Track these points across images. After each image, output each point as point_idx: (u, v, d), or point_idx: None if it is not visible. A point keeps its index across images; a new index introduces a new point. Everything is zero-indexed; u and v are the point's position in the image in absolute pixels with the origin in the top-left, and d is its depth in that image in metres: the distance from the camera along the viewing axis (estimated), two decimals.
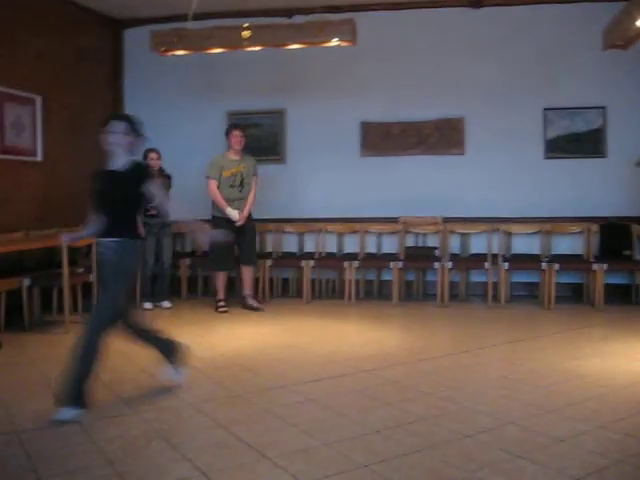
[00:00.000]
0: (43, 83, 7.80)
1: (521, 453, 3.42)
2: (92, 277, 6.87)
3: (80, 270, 7.16)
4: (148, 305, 7.57)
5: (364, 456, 3.41)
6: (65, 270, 6.36)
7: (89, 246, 6.86)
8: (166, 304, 7.74)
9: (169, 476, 3.19)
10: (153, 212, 7.50)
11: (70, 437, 3.71)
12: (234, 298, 7.96)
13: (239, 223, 7.52)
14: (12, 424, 3.92)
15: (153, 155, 7.62)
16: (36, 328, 6.67)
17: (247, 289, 7.75)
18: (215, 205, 7.59)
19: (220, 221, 7.39)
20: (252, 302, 7.70)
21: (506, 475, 3.17)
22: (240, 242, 7.60)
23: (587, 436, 3.66)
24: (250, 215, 7.71)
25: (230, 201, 7.53)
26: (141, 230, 7.43)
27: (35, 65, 7.68)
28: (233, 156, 7.63)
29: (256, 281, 8.05)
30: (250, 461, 3.37)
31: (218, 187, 7.54)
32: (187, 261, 8.44)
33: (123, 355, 5.58)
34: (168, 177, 7.74)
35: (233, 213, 7.49)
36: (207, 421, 3.98)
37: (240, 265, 7.77)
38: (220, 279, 7.70)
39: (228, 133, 7.68)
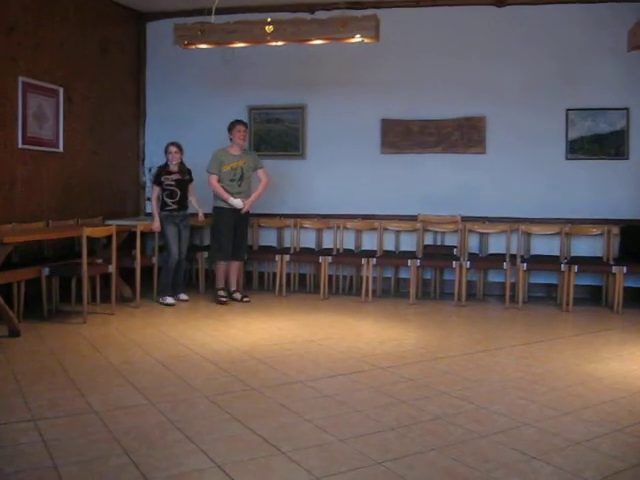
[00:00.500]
0: (66, 74, 7.85)
1: (536, 454, 3.40)
2: (111, 268, 6.90)
3: (99, 261, 7.20)
4: (170, 300, 7.56)
5: (378, 453, 3.40)
6: (84, 260, 6.41)
7: (109, 237, 6.90)
8: (184, 296, 7.77)
9: (184, 467, 3.20)
10: (174, 206, 7.57)
11: (86, 426, 3.73)
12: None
13: (244, 210, 7.71)
14: (30, 412, 3.95)
15: (172, 148, 7.66)
16: (54, 317, 6.72)
17: (233, 284, 7.92)
18: (217, 196, 7.72)
19: (222, 212, 7.67)
20: (237, 295, 7.87)
21: (521, 476, 3.16)
22: (235, 235, 7.74)
23: (603, 439, 3.64)
24: (247, 211, 7.85)
25: (230, 194, 7.66)
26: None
27: (58, 57, 7.73)
28: (234, 151, 7.76)
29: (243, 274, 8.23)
30: (265, 455, 3.37)
31: (219, 182, 7.69)
32: (204, 254, 8.47)
33: (139, 346, 5.63)
34: (188, 171, 7.78)
35: (237, 201, 7.63)
36: (222, 414, 4.00)
37: (233, 259, 7.89)
38: (220, 270, 7.80)
39: (232, 128, 7.77)
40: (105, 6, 8.63)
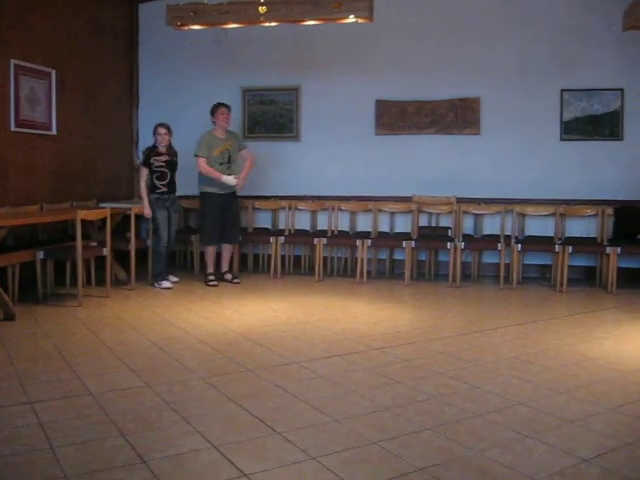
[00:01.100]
0: (58, 56, 7.80)
1: (530, 433, 3.43)
2: (105, 251, 6.89)
3: (93, 243, 7.19)
4: (167, 284, 7.53)
5: (374, 433, 3.43)
6: (79, 243, 6.40)
7: (103, 220, 6.88)
8: (173, 278, 7.77)
9: (180, 448, 3.22)
10: (164, 188, 7.54)
11: (82, 408, 3.74)
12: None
13: (238, 187, 7.74)
14: (26, 395, 3.96)
15: (162, 130, 7.61)
16: (49, 301, 6.72)
17: (225, 266, 7.96)
18: (203, 181, 7.73)
19: (208, 196, 7.71)
20: (227, 276, 7.93)
21: (515, 454, 3.18)
22: (224, 220, 7.75)
23: (597, 418, 3.67)
24: (235, 192, 7.86)
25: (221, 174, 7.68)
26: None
27: (50, 38, 7.67)
28: (220, 134, 7.77)
29: (232, 257, 8.19)
30: (260, 435, 3.39)
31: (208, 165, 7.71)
32: (198, 237, 8.45)
33: (134, 328, 5.64)
34: (175, 154, 7.73)
35: (229, 178, 7.63)
36: (218, 395, 4.01)
37: (222, 242, 7.91)
38: (210, 253, 7.82)
39: (215, 111, 7.76)
40: None
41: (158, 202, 7.57)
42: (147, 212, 7.53)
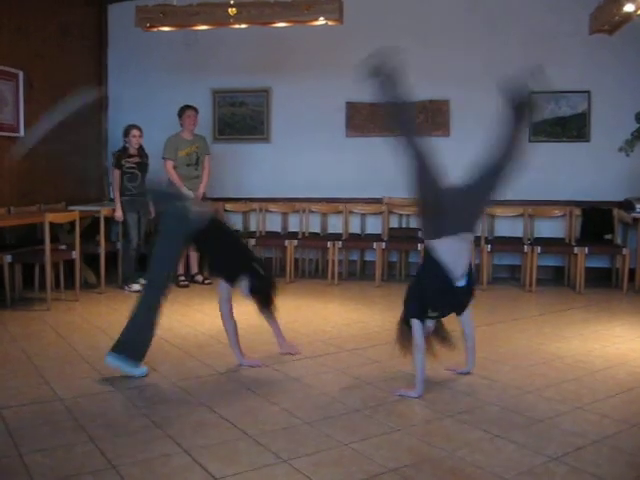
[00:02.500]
0: (25, 58, 7.71)
1: (499, 432, 3.46)
2: (74, 254, 6.82)
3: (62, 247, 7.12)
4: (136, 287, 7.30)
5: (345, 435, 3.44)
6: (47, 247, 6.33)
7: (72, 223, 6.82)
8: (144, 281, 7.69)
9: (151, 453, 3.20)
10: (135, 190, 7.50)
11: (51, 414, 3.71)
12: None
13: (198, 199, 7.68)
14: None
15: (136, 132, 7.58)
16: (18, 305, 6.64)
17: (194, 268, 8.00)
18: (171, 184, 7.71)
19: None
20: (198, 278, 7.98)
21: (485, 454, 3.21)
22: None
23: (565, 417, 3.71)
24: (204, 194, 7.92)
25: (188, 179, 7.75)
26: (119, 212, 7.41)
27: (17, 40, 7.57)
28: (187, 136, 7.83)
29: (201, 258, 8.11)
30: (232, 439, 3.39)
31: (175, 167, 7.74)
32: None
33: (104, 332, 5.59)
34: (146, 155, 7.72)
35: (188, 193, 7.57)
36: (189, 399, 4.00)
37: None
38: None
39: (182, 114, 7.84)
40: None
41: (128, 204, 7.51)
42: (118, 215, 7.47)
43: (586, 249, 7.45)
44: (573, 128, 8.23)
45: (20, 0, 7.60)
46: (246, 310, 6.40)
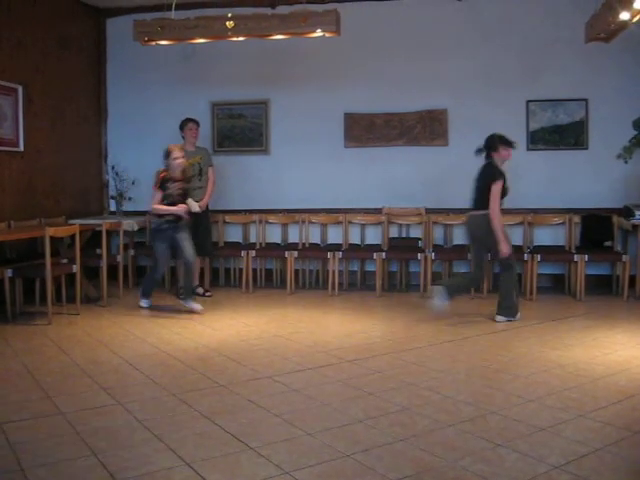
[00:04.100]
0: (25, 72, 7.74)
1: (502, 442, 3.46)
2: (75, 268, 6.83)
3: (63, 261, 7.12)
4: (144, 304, 7.24)
5: (347, 445, 3.43)
6: (48, 261, 6.33)
7: (72, 236, 6.83)
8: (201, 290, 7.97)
9: (153, 466, 3.20)
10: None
11: (53, 428, 3.71)
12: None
13: (198, 210, 7.63)
14: None
15: (179, 154, 7.14)
16: (19, 319, 6.64)
17: (195, 280, 7.89)
18: None
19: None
20: (199, 290, 7.94)
21: (487, 463, 3.21)
22: (196, 233, 7.70)
23: (567, 425, 3.71)
24: (207, 206, 7.93)
25: (191, 190, 7.66)
26: None
27: (16, 54, 7.61)
28: (189, 148, 7.81)
29: (202, 270, 8.17)
30: (234, 451, 3.38)
31: None
32: None
33: (105, 346, 5.60)
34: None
35: (193, 204, 7.59)
36: (191, 412, 3.99)
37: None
38: (181, 268, 7.76)
39: (183, 127, 7.88)
40: (64, 2, 8.52)
41: (160, 233, 7.03)
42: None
43: (586, 256, 7.45)
44: (571, 136, 8.25)
45: (19, 15, 7.64)
46: (249, 322, 6.44)
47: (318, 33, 6.64)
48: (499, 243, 6.24)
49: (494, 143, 6.56)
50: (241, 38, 6.90)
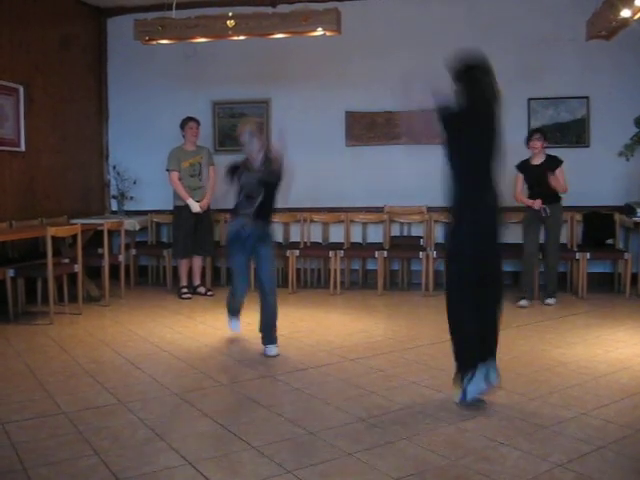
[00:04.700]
0: (25, 72, 7.73)
1: (504, 440, 3.46)
2: (76, 267, 6.83)
3: (65, 260, 7.12)
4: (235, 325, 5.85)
5: (349, 444, 3.43)
6: (49, 260, 6.33)
7: (74, 236, 6.83)
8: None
9: (155, 465, 3.20)
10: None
11: (56, 428, 3.71)
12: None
13: (199, 211, 7.75)
14: None
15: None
16: (21, 319, 6.64)
17: (197, 279, 7.97)
18: (177, 195, 7.80)
19: (181, 210, 7.76)
20: (201, 289, 7.95)
21: (490, 462, 3.21)
22: (197, 232, 7.80)
23: (569, 423, 3.71)
24: (208, 206, 7.92)
25: (192, 189, 7.78)
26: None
27: (17, 54, 7.60)
28: (189, 147, 7.86)
29: (203, 270, 8.18)
30: (236, 450, 3.38)
31: (180, 179, 7.76)
32: (170, 251, 8.38)
33: (107, 345, 5.60)
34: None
35: (194, 204, 7.66)
36: (193, 411, 4.00)
37: (195, 254, 7.94)
38: (182, 267, 7.85)
39: (184, 126, 7.87)
40: (64, 2, 8.52)
41: (236, 241, 5.49)
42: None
43: (588, 254, 7.45)
44: (572, 134, 8.24)
45: (20, 15, 7.64)
46: (251, 321, 6.42)
47: (319, 32, 6.64)
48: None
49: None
50: (242, 37, 6.91)
